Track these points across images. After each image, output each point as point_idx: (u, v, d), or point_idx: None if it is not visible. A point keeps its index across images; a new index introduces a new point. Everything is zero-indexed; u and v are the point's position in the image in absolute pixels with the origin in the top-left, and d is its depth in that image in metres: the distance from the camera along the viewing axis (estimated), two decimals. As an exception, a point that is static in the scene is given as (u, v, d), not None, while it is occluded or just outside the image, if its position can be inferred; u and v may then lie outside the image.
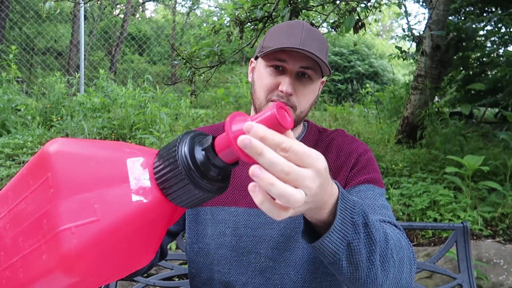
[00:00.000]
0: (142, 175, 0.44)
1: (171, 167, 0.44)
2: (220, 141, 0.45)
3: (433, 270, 1.35)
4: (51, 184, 0.42)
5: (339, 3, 2.59)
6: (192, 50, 2.47)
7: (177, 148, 0.44)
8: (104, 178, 0.43)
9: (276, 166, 0.41)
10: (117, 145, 0.47)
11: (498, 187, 2.63)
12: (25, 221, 0.44)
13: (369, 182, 0.87)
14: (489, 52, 5.14)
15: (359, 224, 0.56)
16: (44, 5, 2.10)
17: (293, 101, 0.87)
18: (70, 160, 0.43)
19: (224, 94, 5.75)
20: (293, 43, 0.83)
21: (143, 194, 0.44)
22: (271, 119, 0.43)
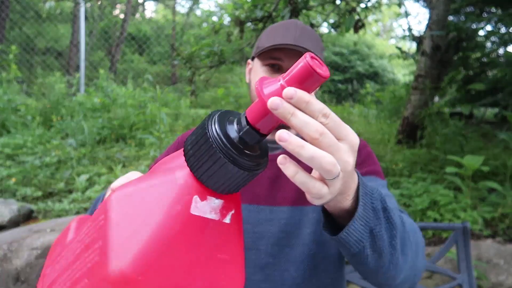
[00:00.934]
0: (210, 203, 0.44)
1: (204, 150, 0.41)
2: (254, 109, 0.42)
3: (433, 270, 1.35)
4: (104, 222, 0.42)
5: (339, 3, 2.59)
6: (192, 50, 2.47)
7: (207, 127, 0.41)
8: (192, 243, 0.42)
9: (309, 125, 0.38)
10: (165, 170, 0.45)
11: (498, 187, 2.63)
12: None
13: (371, 174, 0.87)
14: (489, 52, 5.14)
15: (379, 209, 0.55)
16: (44, 5, 2.10)
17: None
18: (126, 203, 0.42)
19: (224, 94, 5.75)
20: (287, 40, 0.84)
21: (227, 209, 0.44)
22: (306, 70, 0.39)
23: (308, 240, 0.88)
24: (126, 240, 0.39)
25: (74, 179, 3.06)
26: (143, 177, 0.47)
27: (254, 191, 0.90)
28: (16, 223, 2.70)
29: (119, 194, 0.43)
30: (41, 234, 2.24)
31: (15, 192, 2.96)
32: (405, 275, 0.63)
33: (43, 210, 2.80)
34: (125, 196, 0.43)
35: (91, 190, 2.90)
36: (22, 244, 2.18)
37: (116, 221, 0.41)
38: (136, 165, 3.35)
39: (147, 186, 0.44)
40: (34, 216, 2.79)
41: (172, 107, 4.76)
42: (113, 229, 0.40)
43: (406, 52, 4.50)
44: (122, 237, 0.40)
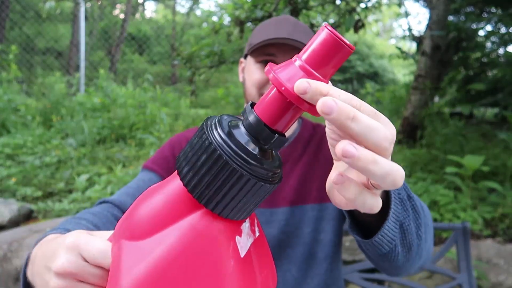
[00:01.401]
0: (246, 240, 0.36)
1: (215, 166, 0.31)
2: (270, 105, 0.32)
3: (433, 270, 1.35)
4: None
5: (339, 3, 2.59)
6: (192, 50, 2.47)
7: (210, 138, 0.31)
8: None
9: (377, 132, 0.30)
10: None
11: (498, 187, 2.63)
12: None
13: None
14: (489, 52, 5.14)
15: (405, 200, 0.50)
16: (44, 5, 2.10)
17: None
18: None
19: (224, 94, 5.75)
20: (280, 34, 0.82)
21: (249, 232, 0.37)
22: (332, 42, 0.30)
23: (308, 239, 0.88)
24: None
25: (74, 179, 3.06)
26: (139, 248, 0.33)
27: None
28: (16, 223, 2.70)
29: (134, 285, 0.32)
30: (41, 234, 2.24)
31: (15, 192, 2.96)
32: (424, 260, 0.60)
33: (43, 210, 2.80)
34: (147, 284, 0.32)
35: (91, 190, 2.90)
36: (22, 244, 2.18)
37: None
38: (136, 165, 3.35)
39: (166, 261, 0.32)
40: (34, 216, 2.80)
41: (172, 107, 4.76)
42: None
43: (406, 52, 4.50)
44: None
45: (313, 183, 0.89)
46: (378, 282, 1.51)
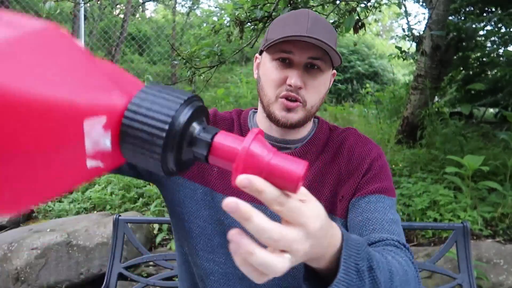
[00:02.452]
0: (102, 137, 0.35)
1: (151, 132, 0.35)
2: (224, 145, 0.38)
3: (433, 270, 1.35)
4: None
5: (339, 3, 2.59)
6: (192, 50, 2.47)
7: (175, 116, 0.35)
8: (43, 137, 0.30)
9: (264, 233, 0.37)
10: (78, 77, 0.33)
11: (498, 187, 2.63)
12: None
13: (380, 192, 0.82)
14: (489, 52, 5.14)
15: (364, 271, 0.53)
16: (44, 5, 2.10)
17: (302, 95, 0.81)
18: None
19: (224, 94, 5.75)
20: (298, 31, 0.76)
21: (102, 158, 0.35)
22: (293, 178, 0.37)
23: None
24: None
25: (74, 179, 3.06)
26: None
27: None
28: (16, 223, 2.70)
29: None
30: (41, 234, 2.24)
31: (15, 192, 2.97)
32: None
33: (43, 210, 2.80)
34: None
35: (91, 190, 2.90)
36: (22, 244, 2.18)
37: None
38: (136, 165, 3.35)
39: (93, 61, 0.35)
40: (34, 216, 2.79)
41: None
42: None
43: (406, 52, 4.50)
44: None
45: (323, 192, 0.86)
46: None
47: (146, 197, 2.84)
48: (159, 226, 2.54)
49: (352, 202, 0.82)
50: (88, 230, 2.30)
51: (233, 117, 0.94)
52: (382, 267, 0.57)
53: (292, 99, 0.81)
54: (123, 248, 1.39)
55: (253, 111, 0.96)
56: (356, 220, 0.79)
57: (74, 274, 2.18)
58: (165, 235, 2.52)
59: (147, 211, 2.71)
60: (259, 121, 0.92)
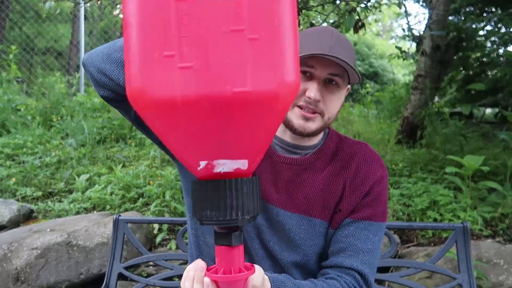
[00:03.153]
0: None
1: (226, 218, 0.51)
2: (218, 272, 0.58)
3: (433, 270, 1.35)
4: None
5: (339, 3, 2.60)
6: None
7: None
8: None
9: None
10: None
11: (498, 187, 2.62)
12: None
13: (370, 219, 0.90)
14: (489, 52, 5.14)
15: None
16: (44, 5, 2.10)
17: (320, 107, 0.86)
18: None
19: (224, 94, 5.74)
20: (322, 49, 0.82)
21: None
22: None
23: (310, 252, 0.92)
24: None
25: (74, 179, 3.06)
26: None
27: (268, 190, 0.92)
28: (16, 223, 2.70)
29: None
30: (41, 234, 2.24)
31: (15, 192, 2.96)
32: None
33: (43, 210, 2.80)
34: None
35: (91, 190, 2.90)
36: (22, 244, 2.18)
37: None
38: (136, 165, 3.35)
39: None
40: (34, 216, 2.79)
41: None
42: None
43: (406, 52, 4.50)
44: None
45: (329, 201, 0.91)
46: (378, 282, 1.51)
47: (146, 197, 2.84)
48: (159, 226, 2.54)
49: (346, 221, 0.91)
50: (88, 230, 2.30)
51: None
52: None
53: (309, 110, 0.86)
54: (123, 248, 1.39)
55: None
56: (341, 239, 0.90)
57: (74, 274, 2.18)
58: (165, 235, 2.52)
59: (147, 211, 2.71)
60: None
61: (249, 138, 0.47)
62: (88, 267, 2.21)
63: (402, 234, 2.53)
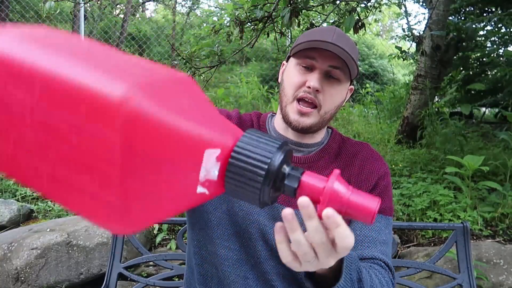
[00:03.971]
0: (213, 167, 0.43)
1: (253, 170, 0.44)
2: (311, 183, 0.47)
3: (433, 270, 1.35)
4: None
5: (339, 3, 2.60)
6: (192, 50, 2.47)
7: (273, 158, 0.45)
8: (175, 159, 0.38)
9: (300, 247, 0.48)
10: (203, 116, 0.41)
11: (498, 187, 2.63)
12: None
13: (380, 212, 0.90)
14: (489, 52, 5.14)
15: (354, 281, 0.64)
16: (44, 5, 2.10)
17: (319, 99, 0.87)
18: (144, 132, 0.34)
19: (224, 94, 5.75)
20: (324, 38, 0.84)
21: (208, 187, 0.43)
22: (369, 213, 0.46)
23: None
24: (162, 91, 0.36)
25: (74, 179, 3.06)
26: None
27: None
28: (16, 223, 2.70)
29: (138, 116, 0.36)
30: (41, 234, 2.24)
31: (15, 192, 2.96)
32: None
33: (43, 210, 2.80)
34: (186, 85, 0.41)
35: (91, 190, 2.90)
36: (22, 244, 2.18)
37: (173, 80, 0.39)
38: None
39: (209, 103, 0.44)
40: (34, 216, 2.79)
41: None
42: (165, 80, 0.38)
43: (406, 52, 4.50)
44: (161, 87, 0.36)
45: None
46: (378, 282, 1.51)
47: (146, 197, 2.85)
48: (159, 226, 2.54)
49: None
50: (88, 230, 2.30)
51: (253, 119, 1.01)
52: (367, 281, 0.68)
53: (308, 101, 0.87)
54: (123, 248, 1.39)
55: (271, 115, 1.03)
56: (355, 233, 0.87)
57: (74, 274, 2.18)
58: (165, 235, 2.52)
59: (147, 211, 2.71)
60: (276, 124, 0.98)
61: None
62: (88, 267, 2.21)
63: (402, 234, 2.53)
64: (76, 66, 0.34)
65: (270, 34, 2.59)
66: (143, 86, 0.33)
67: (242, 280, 0.92)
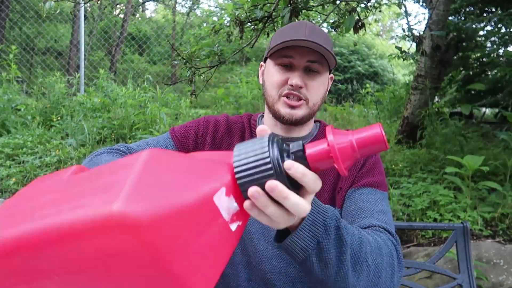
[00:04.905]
0: (230, 203, 0.46)
1: (264, 173, 0.45)
2: (317, 149, 0.49)
3: (433, 270, 1.35)
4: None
5: (339, 3, 2.60)
6: (192, 50, 2.47)
7: (270, 153, 0.46)
8: (199, 225, 0.42)
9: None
10: (194, 180, 0.44)
11: (498, 187, 2.62)
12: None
13: (372, 186, 0.90)
14: (489, 52, 5.13)
15: (330, 227, 0.61)
16: (44, 5, 2.10)
17: (304, 94, 0.89)
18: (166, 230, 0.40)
19: (224, 94, 5.75)
20: (297, 37, 0.86)
21: (238, 218, 0.47)
22: (378, 139, 0.48)
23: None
24: (147, 188, 0.40)
25: (74, 179, 3.06)
26: (180, 153, 0.50)
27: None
28: (16, 223, 2.70)
29: (156, 152, 0.45)
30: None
31: (15, 192, 2.96)
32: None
33: (43, 210, 2.80)
34: (162, 157, 0.45)
35: (91, 190, 2.90)
36: (22, 244, 2.18)
37: (145, 169, 0.42)
38: (136, 165, 3.35)
39: (186, 159, 0.47)
40: (34, 216, 2.79)
41: (172, 107, 4.76)
42: (139, 174, 0.41)
43: (406, 52, 4.50)
44: (145, 185, 0.40)
45: (326, 185, 0.92)
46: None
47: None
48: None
49: (348, 193, 0.91)
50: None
51: (244, 121, 1.02)
52: (351, 231, 0.65)
53: (294, 98, 0.89)
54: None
55: (261, 115, 1.04)
56: (350, 209, 0.87)
57: (74, 274, 2.18)
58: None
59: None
60: (265, 122, 1.00)
61: None
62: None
63: (402, 234, 2.53)
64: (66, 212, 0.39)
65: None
66: (132, 199, 0.37)
67: (246, 282, 0.92)
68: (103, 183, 0.42)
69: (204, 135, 0.99)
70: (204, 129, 1.00)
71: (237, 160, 0.47)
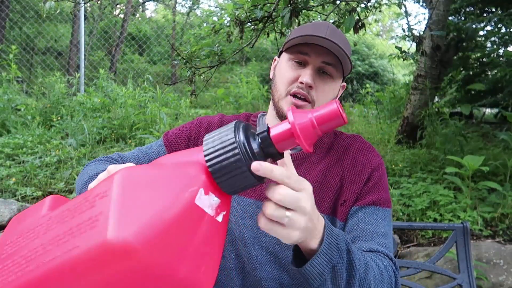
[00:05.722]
0: (210, 199, 0.48)
1: (232, 158, 0.47)
2: (280, 130, 0.51)
3: (433, 270, 1.35)
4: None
5: (339, 3, 2.60)
6: (192, 50, 2.47)
7: (235, 138, 0.48)
8: (189, 230, 0.45)
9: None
10: (172, 184, 0.46)
11: (498, 187, 2.62)
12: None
13: (376, 204, 0.88)
14: (489, 52, 5.14)
15: (343, 250, 0.61)
16: (44, 5, 2.10)
17: (312, 95, 0.86)
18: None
19: (224, 94, 5.75)
20: (317, 33, 0.83)
21: (221, 209, 0.49)
22: (335, 114, 0.50)
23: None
24: (131, 213, 0.41)
25: (74, 179, 3.06)
26: (150, 164, 0.52)
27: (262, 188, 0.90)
28: (16, 223, 2.70)
29: (127, 173, 0.46)
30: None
31: (15, 192, 2.96)
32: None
33: (43, 210, 2.79)
34: (134, 175, 0.46)
35: (91, 190, 2.90)
36: (22, 244, 2.18)
37: (123, 195, 0.43)
38: (136, 165, 3.35)
39: (158, 171, 0.48)
40: (34, 216, 2.79)
41: (172, 107, 4.76)
42: (119, 202, 0.42)
43: (406, 52, 4.50)
44: (128, 210, 0.42)
45: (327, 194, 0.90)
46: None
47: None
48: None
49: (352, 210, 0.88)
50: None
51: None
52: (358, 256, 0.65)
53: (301, 98, 0.86)
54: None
55: (262, 114, 1.01)
56: (352, 228, 0.86)
57: (74, 274, 2.18)
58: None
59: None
60: (268, 121, 0.96)
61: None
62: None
63: (402, 234, 2.53)
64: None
65: (270, 34, 2.59)
66: (121, 228, 0.40)
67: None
68: (87, 218, 0.43)
69: (196, 138, 0.97)
70: (196, 131, 0.98)
71: (206, 149, 0.48)
